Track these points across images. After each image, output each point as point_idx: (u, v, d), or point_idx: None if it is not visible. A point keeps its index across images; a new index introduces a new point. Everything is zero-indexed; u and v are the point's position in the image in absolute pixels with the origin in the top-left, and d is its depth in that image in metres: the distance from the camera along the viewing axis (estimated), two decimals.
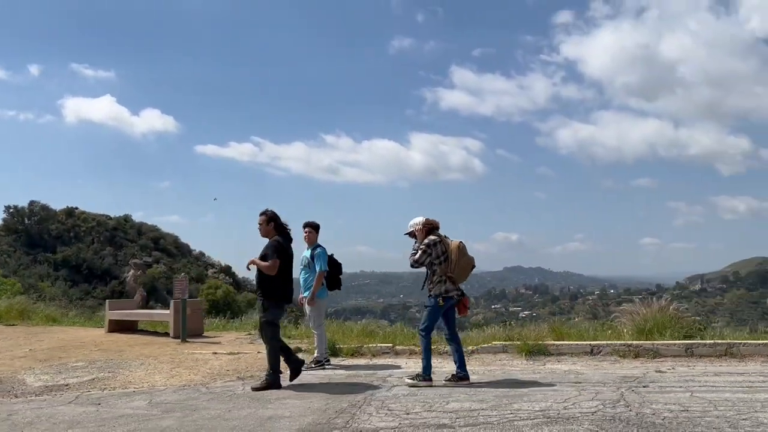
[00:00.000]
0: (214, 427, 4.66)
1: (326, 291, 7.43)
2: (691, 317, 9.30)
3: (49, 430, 4.78)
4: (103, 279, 55.52)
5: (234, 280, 55.48)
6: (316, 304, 7.34)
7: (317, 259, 7.24)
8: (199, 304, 10.74)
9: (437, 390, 5.77)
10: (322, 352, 7.34)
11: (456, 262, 5.95)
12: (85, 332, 11.67)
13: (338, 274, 7.49)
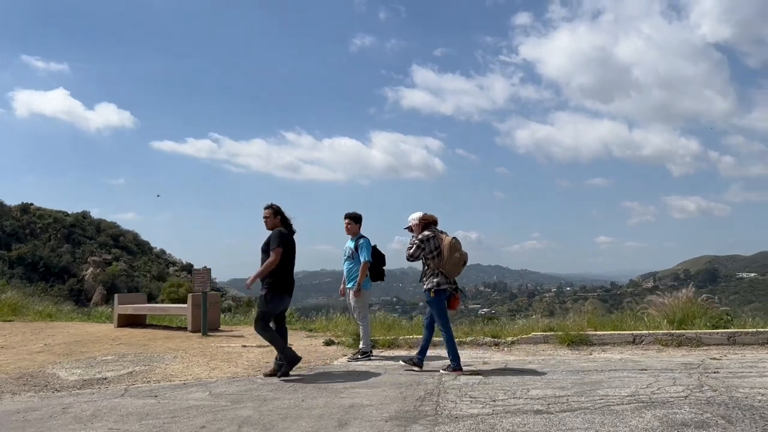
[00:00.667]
0: (300, 415, 4.51)
1: (370, 282, 7.32)
2: (719, 307, 9.42)
3: (120, 421, 4.57)
4: (61, 277, 53.89)
5: None
6: (361, 295, 7.21)
7: (362, 249, 7.15)
8: (217, 297, 10.48)
9: (504, 378, 5.71)
10: (367, 343, 7.23)
11: (448, 257, 6.03)
12: (92, 327, 11.30)
13: (382, 265, 7.38)
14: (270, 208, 6.16)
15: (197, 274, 9.67)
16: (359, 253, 7.15)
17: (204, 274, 9.60)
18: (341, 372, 6.35)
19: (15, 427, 4.55)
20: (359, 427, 4.17)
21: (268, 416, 4.55)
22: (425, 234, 6.16)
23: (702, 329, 7.78)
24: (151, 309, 10.60)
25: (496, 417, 4.26)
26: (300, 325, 11.04)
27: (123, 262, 60.83)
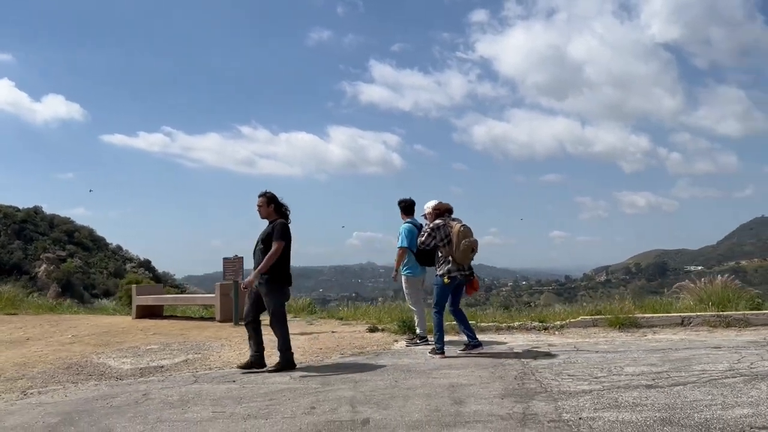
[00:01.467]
0: (406, 395, 4.47)
1: (419, 267, 7.21)
2: (751, 291, 9.63)
3: (217, 405, 4.46)
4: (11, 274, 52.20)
5: (154, 274, 53.45)
6: (409, 282, 7.20)
7: (400, 235, 7.21)
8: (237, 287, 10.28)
9: (586, 358, 5.73)
10: (423, 328, 7.18)
11: (457, 245, 6.10)
12: (109, 319, 11.04)
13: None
14: (264, 196, 5.88)
15: (227, 263, 9.49)
16: (398, 239, 7.18)
17: (235, 263, 9.42)
18: (399, 358, 6.29)
19: (108, 413, 4.41)
20: (478, 404, 4.14)
21: (373, 396, 4.49)
22: (436, 222, 6.29)
23: (746, 311, 7.93)
24: (175, 299, 10.42)
25: (612, 392, 4.28)
26: (325, 314, 10.96)
27: (78, 258, 59.26)
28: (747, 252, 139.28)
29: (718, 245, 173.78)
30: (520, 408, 3.98)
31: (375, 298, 78.22)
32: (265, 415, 4.12)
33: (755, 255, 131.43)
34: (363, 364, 5.95)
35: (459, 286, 6.32)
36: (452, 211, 6.40)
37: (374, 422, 3.81)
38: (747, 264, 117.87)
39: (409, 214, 7.38)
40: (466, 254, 6.14)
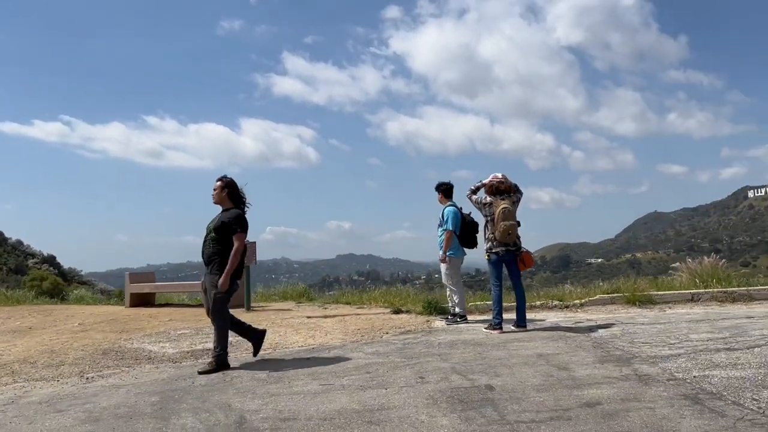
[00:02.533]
0: (505, 364, 4.65)
1: (460, 249, 7.42)
2: (737, 270, 10.37)
3: (314, 378, 4.47)
4: None
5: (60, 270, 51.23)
6: (451, 263, 7.35)
7: (445, 218, 7.35)
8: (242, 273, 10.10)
9: (642, 329, 6.05)
10: (462, 306, 7.35)
11: (497, 224, 6.38)
12: (102, 309, 10.60)
13: (474, 232, 7.48)
14: (221, 181, 5.41)
15: None
16: (444, 222, 7.31)
17: (251, 247, 9.24)
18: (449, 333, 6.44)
19: (206, 390, 4.34)
20: (583, 369, 4.35)
21: (470, 366, 4.62)
22: (486, 198, 6.60)
23: (749, 287, 8.57)
24: (175, 287, 10.09)
25: (699, 355, 4.59)
26: (331, 300, 10.95)
27: None
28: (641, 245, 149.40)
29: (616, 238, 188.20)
30: (628, 370, 4.21)
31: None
32: (380, 385, 4.17)
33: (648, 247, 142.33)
34: (424, 340, 6.06)
35: (508, 262, 6.51)
36: (508, 191, 6.55)
37: (499, 387, 3.94)
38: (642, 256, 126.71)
39: (449, 197, 7.56)
40: (504, 234, 6.35)
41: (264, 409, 3.77)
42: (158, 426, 3.53)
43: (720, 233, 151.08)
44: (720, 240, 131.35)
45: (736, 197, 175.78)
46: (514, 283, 6.60)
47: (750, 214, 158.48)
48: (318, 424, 3.40)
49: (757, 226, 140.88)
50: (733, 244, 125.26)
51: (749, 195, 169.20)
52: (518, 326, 6.44)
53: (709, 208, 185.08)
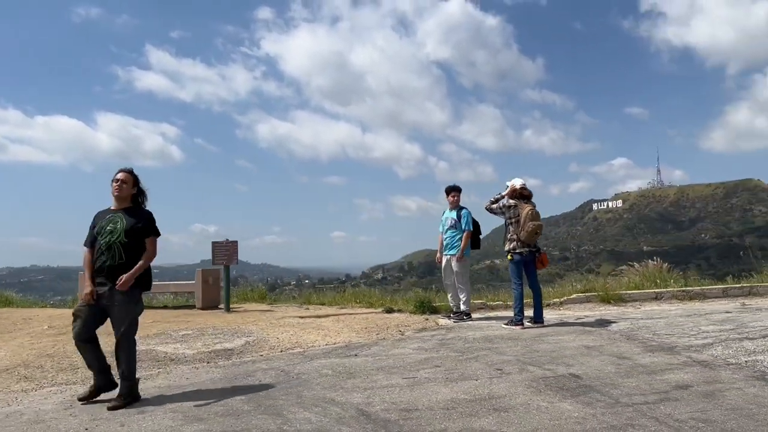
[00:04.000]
0: (569, 354, 4.90)
1: (469, 250, 7.73)
2: (677, 273, 11.42)
3: (390, 372, 4.52)
4: None
5: None
6: (462, 262, 7.59)
7: (464, 219, 7.64)
8: (219, 273, 9.74)
9: (642, 322, 6.60)
10: (468, 305, 7.60)
11: (523, 225, 6.88)
12: (48, 311, 9.74)
13: (478, 234, 7.81)
14: (130, 173, 4.53)
15: (218, 247, 8.98)
16: (461, 223, 7.60)
17: (228, 247, 8.96)
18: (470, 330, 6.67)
19: (289, 387, 4.24)
20: (641, 358, 4.72)
21: (533, 357, 4.88)
22: (510, 201, 6.95)
23: (703, 287, 9.52)
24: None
25: (728, 343, 5.13)
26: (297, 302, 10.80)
27: None
28: (498, 252, 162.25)
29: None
30: (683, 358, 4.64)
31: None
32: (465, 377, 4.30)
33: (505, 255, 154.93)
34: (455, 336, 6.23)
35: (527, 263, 6.83)
36: (529, 197, 6.95)
37: (584, 375, 4.21)
38: (500, 263, 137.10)
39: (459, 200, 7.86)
40: (531, 235, 6.75)
41: (374, 401, 3.78)
42: (277, 421, 3.44)
43: (568, 242, 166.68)
44: (568, 248, 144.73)
45: (582, 209, 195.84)
46: (532, 282, 6.95)
47: (594, 225, 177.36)
48: (444, 413, 3.47)
49: (600, 236, 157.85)
50: (579, 252, 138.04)
51: (594, 208, 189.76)
52: (535, 322, 6.78)
53: (559, 219, 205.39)
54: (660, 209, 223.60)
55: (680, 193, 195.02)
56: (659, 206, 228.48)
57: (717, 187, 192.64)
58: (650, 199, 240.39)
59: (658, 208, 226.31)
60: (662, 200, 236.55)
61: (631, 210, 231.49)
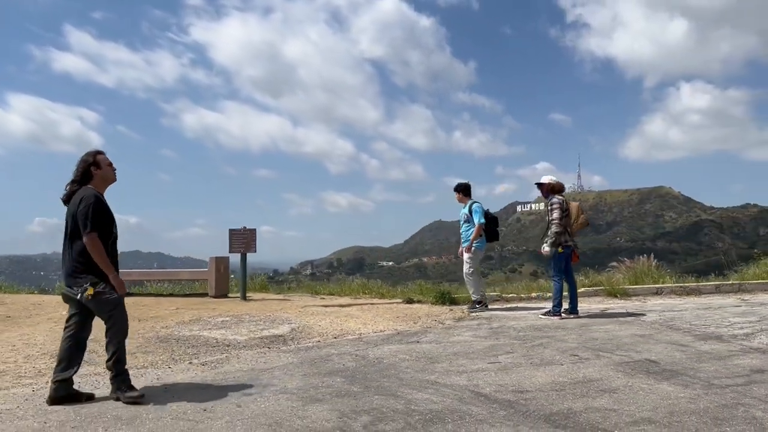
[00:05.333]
0: (627, 342, 5.13)
1: (484, 242, 7.93)
2: (666, 270, 11.94)
3: (475, 357, 4.62)
4: None
5: None
6: (476, 254, 7.85)
7: (474, 213, 7.84)
8: (228, 261, 9.59)
9: (667, 314, 6.90)
10: (478, 294, 7.80)
11: (575, 219, 7.18)
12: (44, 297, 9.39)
13: (495, 227, 8.00)
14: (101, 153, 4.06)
15: (236, 235, 8.86)
16: (473, 216, 7.79)
17: (246, 235, 8.86)
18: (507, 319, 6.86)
19: (378, 371, 4.30)
20: (699, 345, 4.98)
21: (594, 344, 5.06)
22: (559, 198, 7.13)
23: (698, 282, 10.00)
24: (160, 274, 9.30)
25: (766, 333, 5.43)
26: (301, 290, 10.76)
27: None
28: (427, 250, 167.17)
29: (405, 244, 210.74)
30: (738, 345, 4.93)
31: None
32: (546, 362, 4.46)
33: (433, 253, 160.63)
34: (500, 326, 6.40)
35: (567, 256, 7.06)
36: (563, 190, 7.17)
37: (660, 361, 4.42)
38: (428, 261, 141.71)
39: (468, 195, 8.12)
40: (581, 227, 7.01)
41: (479, 383, 3.88)
42: (400, 401, 3.49)
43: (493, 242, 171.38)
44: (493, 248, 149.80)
45: (507, 211, 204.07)
46: (570, 274, 7.14)
47: (518, 226, 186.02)
48: (556, 394, 3.60)
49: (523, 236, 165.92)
50: (503, 252, 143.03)
51: (518, 209, 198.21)
52: (571, 313, 6.98)
53: None
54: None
55: (599, 197, 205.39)
56: None
57: (632, 193, 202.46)
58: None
59: None
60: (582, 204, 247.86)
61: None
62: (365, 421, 3.16)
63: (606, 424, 3.04)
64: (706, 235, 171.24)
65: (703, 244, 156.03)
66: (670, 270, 12.25)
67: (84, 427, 3.20)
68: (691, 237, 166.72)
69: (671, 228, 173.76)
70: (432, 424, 3.10)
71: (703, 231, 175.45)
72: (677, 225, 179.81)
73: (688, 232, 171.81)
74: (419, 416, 3.22)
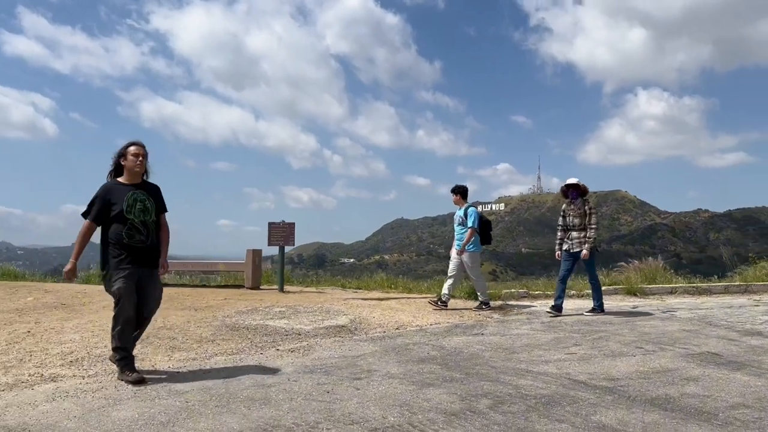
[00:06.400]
0: (678, 337, 5.44)
1: (479, 245, 8.04)
2: (671, 271, 12.39)
3: (563, 345, 4.89)
4: None
5: None
6: (473, 257, 7.88)
7: (469, 217, 7.92)
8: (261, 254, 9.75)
9: (696, 312, 7.25)
10: (485, 295, 7.92)
11: (598, 222, 7.53)
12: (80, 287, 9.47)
13: (488, 230, 8.19)
14: (143, 147, 4.30)
15: (275, 228, 9.04)
16: (468, 220, 7.91)
17: (285, 228, 9.04)
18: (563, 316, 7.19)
19: (465, 359, 4.55)
20: (750, 340, 5.32)
21: (649, 337, 5.36)
22: (592, 205, 7.46)
23: (710, 283, 10.43)
24: (195, 265, 9.43)
25: None
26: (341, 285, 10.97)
27: None
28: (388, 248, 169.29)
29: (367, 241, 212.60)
30: None
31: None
32: (616, 354, 4.76)
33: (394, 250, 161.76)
34: (551, 320, 6.69)
35: None
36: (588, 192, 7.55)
37: (721, 354, 4.73)
38: (389, 258, 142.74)
39: (466, 198, 8.18)
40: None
41: (570, 372, 4.15)
42: (508, 386, 3.75)
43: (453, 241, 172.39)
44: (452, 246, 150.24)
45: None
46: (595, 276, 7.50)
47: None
48: (647, 382, 3.89)
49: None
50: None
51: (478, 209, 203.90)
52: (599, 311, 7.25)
53: (446, 218, 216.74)
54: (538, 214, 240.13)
55: (557, 199, 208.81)
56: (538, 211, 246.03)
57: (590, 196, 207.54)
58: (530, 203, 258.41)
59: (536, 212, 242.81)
60: (541, 206, 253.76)
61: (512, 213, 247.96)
62: (488, 404, 3.41)
63: (708, 408, 3.32)
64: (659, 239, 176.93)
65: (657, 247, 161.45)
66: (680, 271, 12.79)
67: (226, 406, 3.41)
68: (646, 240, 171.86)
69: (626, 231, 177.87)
70: (551, 406, 3.36)
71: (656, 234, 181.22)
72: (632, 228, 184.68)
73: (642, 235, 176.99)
74: (535, 400, 3.48)
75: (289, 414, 3.25)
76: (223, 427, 3.04)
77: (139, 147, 4.26)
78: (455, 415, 3.21)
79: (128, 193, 4.15)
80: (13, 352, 4.79)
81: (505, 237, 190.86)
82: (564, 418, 3.16)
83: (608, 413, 3.23)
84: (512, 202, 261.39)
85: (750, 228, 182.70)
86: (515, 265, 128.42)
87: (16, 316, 6.54)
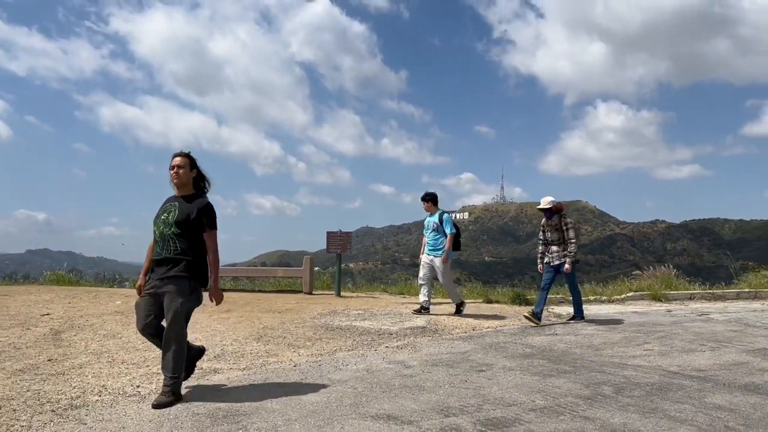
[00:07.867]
0: (723, 337, 6.05)
1: (452, 252, 8.06)
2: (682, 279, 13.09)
3: (643, 342, 5.48)
4: None
5: None
6: (446, 262, 7.90)
7: (446, 223, 7.97)
8: (313, 260, 10.26)
9: (725, 315, 7.90)
10: (457, 298, 8.06)
11: (578, 237, 7.98)
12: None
13: (459, 237, 8.25)
14: (187, 157, 4.11)
15: (332, 237, 9.56)
16: (444, 226, 7.95)
17: (342, 237, 9.56)
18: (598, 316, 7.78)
19: (560, 354, 5.11)
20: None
21: (712, 336, 5.97)
22: (570, 219, 7.65)
23: (725, 290, 11.13)
24: (256, 272, 9.90)
25: None
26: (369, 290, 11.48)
27: None
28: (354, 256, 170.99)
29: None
30: None
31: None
32: (686, 350, 5.36)
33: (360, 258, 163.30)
34: (606, 322, 7.26)
35: None
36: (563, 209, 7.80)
37: None
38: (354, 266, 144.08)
39: (437, 204, 8.16)
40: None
41: (660, 365, 4.74)
42: (617, 375, 4.32)
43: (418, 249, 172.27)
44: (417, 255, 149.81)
45: None
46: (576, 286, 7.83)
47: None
48: (730, 372, 4.48)
49: None
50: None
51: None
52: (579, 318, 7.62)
53: (411, 226, 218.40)
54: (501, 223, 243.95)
55: (519, 209, 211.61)
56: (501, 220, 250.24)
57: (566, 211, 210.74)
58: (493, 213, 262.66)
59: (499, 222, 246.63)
60: (504, 215, 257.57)
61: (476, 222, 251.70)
62: (611, 390, 3.98)
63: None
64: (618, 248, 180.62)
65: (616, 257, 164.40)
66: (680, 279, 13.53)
67: (391, 391, 3.93)
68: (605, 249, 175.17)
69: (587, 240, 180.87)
70: (665, 392, 3.93)
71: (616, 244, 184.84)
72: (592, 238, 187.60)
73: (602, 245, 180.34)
74: (648, 387, 4.06)
75: (449, 398, 3.79)
76: (406, 408, 3.57)
77: (179, 158, 4.07)
78: (591, 399, 3.77)
79: (166, 204, 4.06)
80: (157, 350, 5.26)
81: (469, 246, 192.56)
82: (682, 400, 3.73)
83: (716, 396, 3.82)
84: (476, 212, 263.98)
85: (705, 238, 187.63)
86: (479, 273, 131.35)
87: (123, 317, 6.96)
